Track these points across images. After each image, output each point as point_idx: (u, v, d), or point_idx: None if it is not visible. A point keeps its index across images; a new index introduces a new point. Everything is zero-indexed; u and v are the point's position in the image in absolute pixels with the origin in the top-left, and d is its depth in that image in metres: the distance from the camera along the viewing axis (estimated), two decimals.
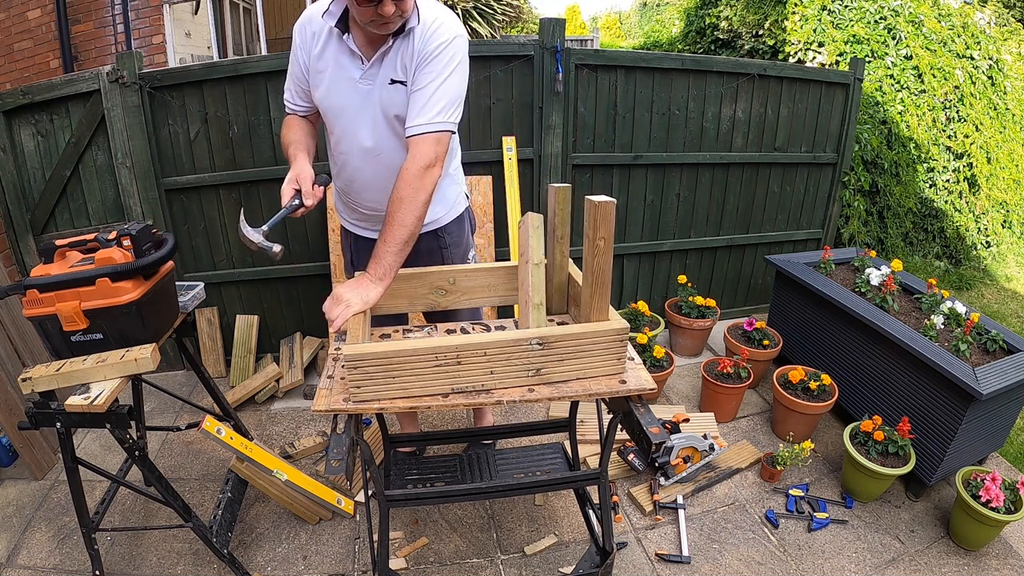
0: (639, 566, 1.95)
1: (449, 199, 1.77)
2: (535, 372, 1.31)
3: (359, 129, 1.57)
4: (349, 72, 1.52)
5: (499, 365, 1.28)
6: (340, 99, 1.55)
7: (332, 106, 1.58)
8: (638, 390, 1.33)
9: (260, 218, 2.83)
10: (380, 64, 1.50)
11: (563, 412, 2.51)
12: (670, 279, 3.44)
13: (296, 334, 3.06)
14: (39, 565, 1.95)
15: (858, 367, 2.51)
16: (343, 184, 1.73)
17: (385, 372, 1.24)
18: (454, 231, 1.81)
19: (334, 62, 1.53)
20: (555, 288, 1.60)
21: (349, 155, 1.63)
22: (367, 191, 1.68)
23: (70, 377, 1.50)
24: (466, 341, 1.25)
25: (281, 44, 7.16)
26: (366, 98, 1.53)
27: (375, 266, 1.45)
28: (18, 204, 2.67)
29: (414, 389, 1.27)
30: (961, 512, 2.00)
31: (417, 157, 1.45)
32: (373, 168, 1.62)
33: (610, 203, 1.29)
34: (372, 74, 1.51)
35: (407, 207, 1.44)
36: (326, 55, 1.53)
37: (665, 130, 3.10)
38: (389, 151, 1.58)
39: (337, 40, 1.51)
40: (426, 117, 1.45)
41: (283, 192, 1.57)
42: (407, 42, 1.48)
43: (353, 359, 1.21)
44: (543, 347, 1.28)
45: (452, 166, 1.74)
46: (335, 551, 1.99)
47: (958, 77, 4.50)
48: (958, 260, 4.61)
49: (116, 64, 2.49)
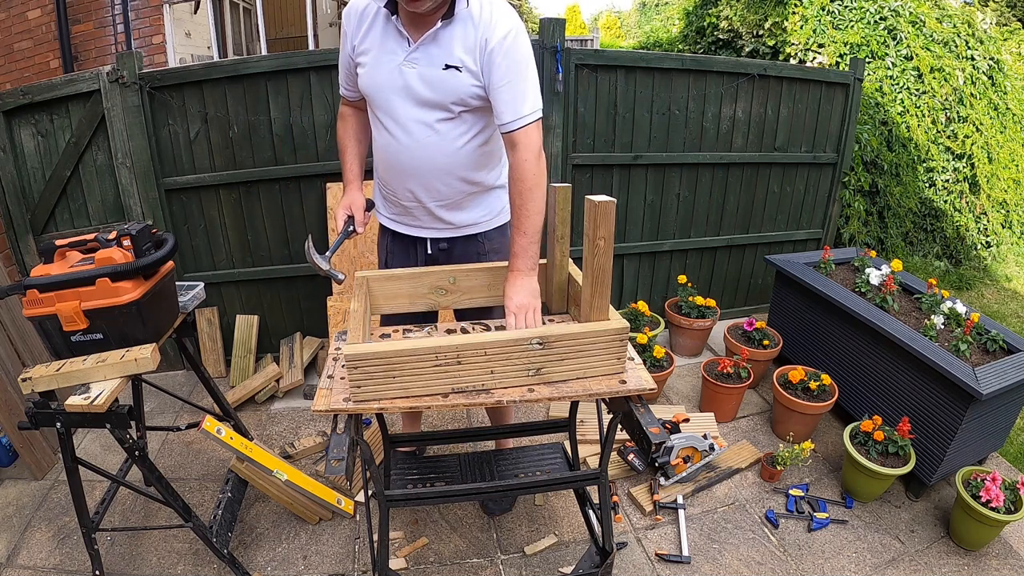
0: (639, 566, 1.95)
1: (494, 208, 1.75)
2: (535, 372, 1.31)
3: (399, 113, 1.53)
4: (394, 54, 1.49)
5: (499, 365, 1.28)
6: (383, 80, 1.52)
7: (374, 88, 1.54)
8: (638, 390, 1.33)
9: (261, 218, 2.84)
10: (428, 47, 1.46)
11: (563, 412, 2.51)
12: (670, 279, 3.44)
13: (296, 334, 3.06)
14: (39, 565, 1.95)
15: (858, 367, 2.51)
16: (383, 172, 1.68)
17: (385, 372, 1.23)
18: (495, 238, 1.79)
19: (380, 44, 1.51)
20: (555, 288, 1.60)
21: (389, 141, 1.58)
22: (406, 180, 1.63)
23: (70, 377, 1.50)
24: (466, 341, 1.25)
25: (281, 44, 7.17)
26: (409, 80, 1.49)
27: (523, 260, 1.51)
28: (18, 204, 2.67)
29: (414, 389, 1.27)
30: (961, 512, 2.00)
31: (528, 147, 1.48)
32: (411, 154, 1.57)
33: (610, 203, 1.28)
34: (417, 57, 1.47)
35: (536, 196, 1.49)
36: (372, 35, 1.51)
37: (665, 130, 3.10)
38: (428, 137, 1.54)
39: (384, 20, 1.49)
40: (525, 108, 1.47)
41: (337, 216, 1.68)
42: (464, 29, 1.45)
43: (353, 359, 1.21)
44: (543, 347, 1.28)
45: (502, 177, 1.71)
46: (335, 551, 1.99)
47: (958, 77, 4.50)
48: (958, 260, 4.61)
49: (116, 64, 2.49)
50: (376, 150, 1.67)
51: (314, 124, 2.69)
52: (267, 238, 2.88)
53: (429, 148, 1.55)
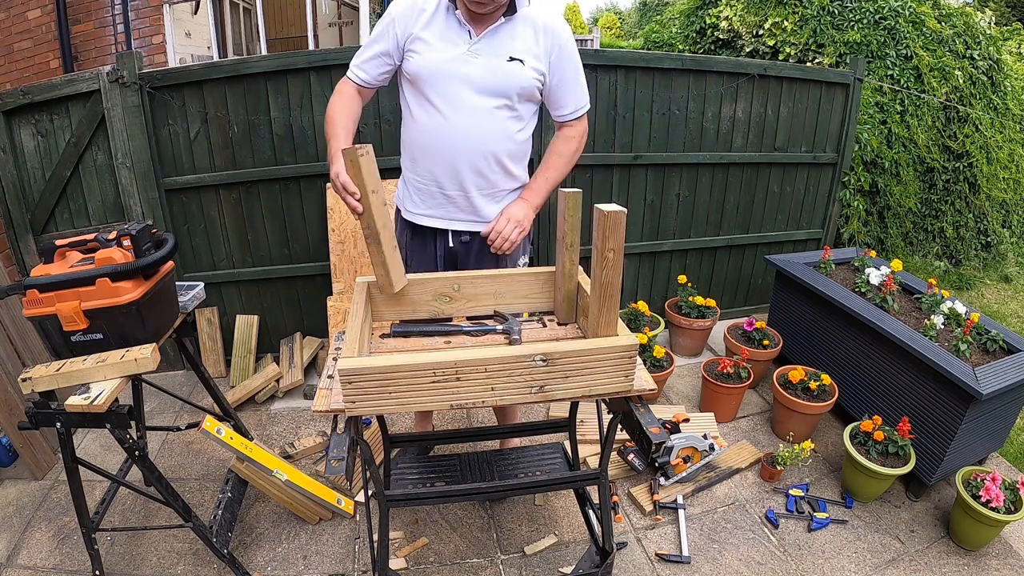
0: (639, 566, 1.95)
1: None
2: (538, 389, 1.24)
3: (457, 97, 1.62)
4: (456, 45, 1.60)
5: (500, 382, 1.22)
6: (444, 66, 1.61)
7: (431, 72, 1.61)
8: (638, 390, 1.32)
9: (261, 218, 2.84)
10: (491, 40, 1.60)
11: (563, 412, 2.51)
12: (670, 279, 3.44)
13: (296, 334, 3.06)
14: (39, 565, 1.95)
15: (858, 367, 2.51)
16: (423, 158, 1.72)
17: (380, 388, 1.18)
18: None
19: (440, 34, 1.61)
20: (564, 297, 1.55)
21: (440, 123, 1.65)
22: (455, 161, 1.68)
23: (70, 377, 1.50)
24: (465, 357, 1.19)
25: (281, 44, 7.17)
26: (471, 68, 1.60)
27: (533, 195, 1.76)
28: (18, 204, 2.67)
29: (412, 405, 1.21)
30: (961, 512, 2.00)
31: (579, 130, 1.77)
32: (465, 136, 1.65)
33: (620, 213, 1.20)
34: (479, 49, 1.60)
35: (570, 162, 1.78)
36: (433, 26, 1.61)
37: (665, 130, 3.10)
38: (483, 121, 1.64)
39: (446, 13, 1.61)
40: (581, 101, 1.75)
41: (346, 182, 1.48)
42: (524, 27, 1.62)
43: (348, 373, 1.15)
44: (547, 363, 1.22)
45: (526, 177, 1.83)
46: (335, 551, 1.99)
47: (958, 77, 4.50)
48: (958, 260, 4.61)
49: (116, 64, 2.49)
50: (418, 135, 1.70)
51: (314, 124, 2.69)
52: (267, 238, 2.88)
53: (482, 130, 1.65)
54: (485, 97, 1.62)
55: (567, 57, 1.66)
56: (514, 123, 1.68)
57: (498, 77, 1.61)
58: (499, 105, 1.64)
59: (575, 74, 1.70)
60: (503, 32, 1.61)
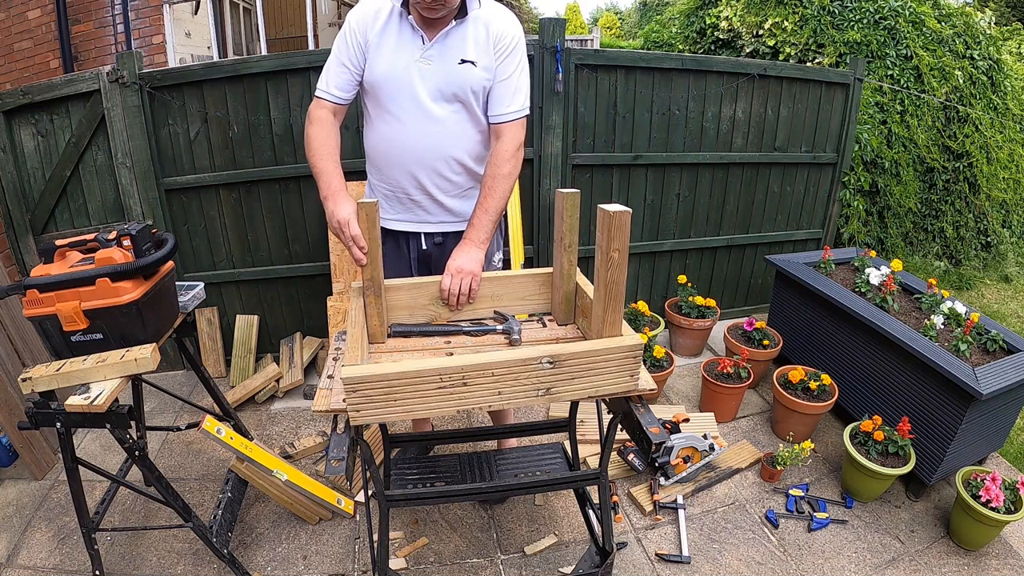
0: (639, 566, 1.95)
1: None
2: (545, 391, 1.24)
3: (413, 103, 1.62)
4: (409, 50, 1.60)
5: (507, 385, 1.21)
6: (399, 73, 1.61)
7: (387, 80, 1.61)
8: (638, 390, 1.32)
9: (261, 218, 2.84)
10: (443, 44, 1.59)
11: (563, 412, 2.51)
12: (670, 279, 3.44)
13: (296, 334, 3.06)
14: (39, 565, 1.95)
15: (858, 367, 2.51)
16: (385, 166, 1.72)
17: (386, 395, 1.16)
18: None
19: (395, 40, 1.61)
20: (562, 297, 1.55)
21: (399, 131, 1.65)
22: (414, 168, 1.68)
23: (70, 377, 1.50)
24: (472, 362, 1.18)
25: (281, 44, 7.17)
26: (425, 74, 1.60)
27: (476, 232, 1.62)
28: (18, 204, 2.67)
29: (418, 411, 1.20)
30: (961, 512, 2.00)
31: (511, 139, 1.65)
32: (423, 142, 1.65)
33: (625, 213, 1.19)
34: (431, 55, 1.59)
35: (506, 183, 1.64)
36: (388, 31, 1.61)
37: (665, 130, 3.10)
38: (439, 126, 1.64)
39: (399, 19, 1.61)
40: (516, 104, 1.66)
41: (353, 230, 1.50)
42: (476, 28, 1.60)
43: (352, 382, 1.13)
44: (554, 365, 1.22)
45: None
46: (335, 551, 1.99)
47: (958, 77, 4.50)
48: (958, 260, 4.61)
49: (116, 64, 2.49)
50: (379, 142, 1.70)
51: None
52: (267, 238, 2.88)
53: (440, 135, 1.65)
54: (440, 103, 1.62)
55: (508, 56, 1.63)
56: (473, 124, 1.67)
57: (451, 81, 1.60)
58: (455, 109, 1.63)
59: (515, 74, 1.64)
60: (455, 35, 1.60)
